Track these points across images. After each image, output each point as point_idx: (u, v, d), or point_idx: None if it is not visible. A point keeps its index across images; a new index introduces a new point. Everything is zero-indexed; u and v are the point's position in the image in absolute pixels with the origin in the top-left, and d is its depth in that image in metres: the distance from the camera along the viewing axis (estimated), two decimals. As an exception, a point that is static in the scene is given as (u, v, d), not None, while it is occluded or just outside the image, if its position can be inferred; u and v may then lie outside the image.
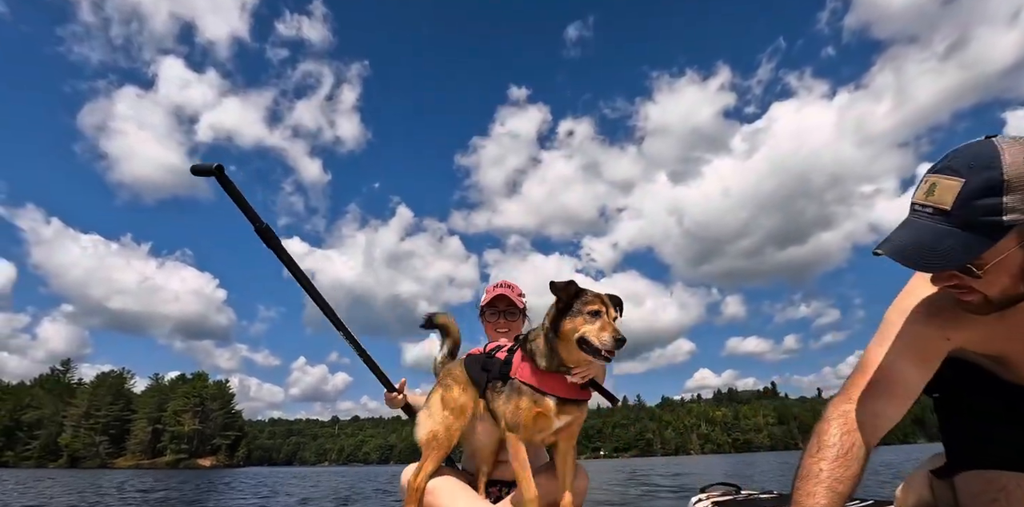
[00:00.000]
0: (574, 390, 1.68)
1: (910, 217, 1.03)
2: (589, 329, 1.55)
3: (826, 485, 1.01)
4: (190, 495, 7.99)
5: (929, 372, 1.16)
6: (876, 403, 1.13)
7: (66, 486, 9.92)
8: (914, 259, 0.98)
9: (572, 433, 1.76)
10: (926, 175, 1.01)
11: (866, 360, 1.18)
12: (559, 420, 1.67)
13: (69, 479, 14.30)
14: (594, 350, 1.54)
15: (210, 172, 1.69)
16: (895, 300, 1.23)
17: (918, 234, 0.98)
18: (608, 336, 1.52)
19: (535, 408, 1.65)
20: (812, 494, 1.01)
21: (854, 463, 1.05)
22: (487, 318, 2.37)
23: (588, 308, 1.58)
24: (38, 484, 10.85)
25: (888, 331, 1.19)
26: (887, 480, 7.36)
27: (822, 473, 1.03)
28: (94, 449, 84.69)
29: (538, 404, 1.65)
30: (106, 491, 8.84)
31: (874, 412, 1.12)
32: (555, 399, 1.65)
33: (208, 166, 1.68)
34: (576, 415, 1.70)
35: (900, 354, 1.14)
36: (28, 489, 9.34)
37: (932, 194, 0.97)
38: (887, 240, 1.03)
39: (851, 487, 1.03)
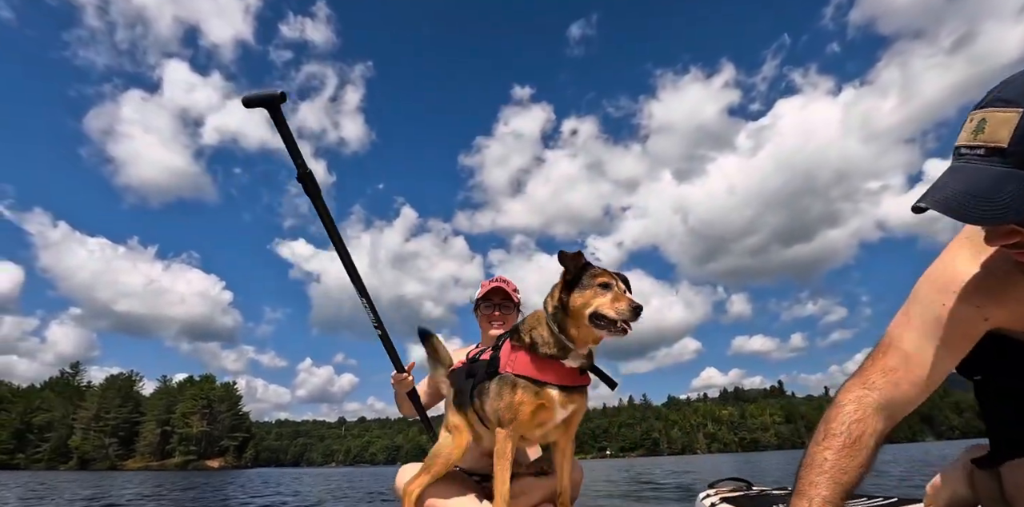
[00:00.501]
0: (573, 376, 1.58)
1: (956, 163, 0.83)
2: (602, 302, 1.45)
3: (829, 475, 0.94)
4: (215, 496, 8.14)
5: (959, 355, 1.02)
6: (896, 389, 1.00)
7: (97, 488, 10.10)
8: (965, 211, 0.78)
9: (572, 427, 1.69)
10: (971, 112, 0.82)
11: (888, 339, 1.05)
12: (563, 410, 1.58)
13: (98, 481, 14.51)
14: (610, 322, 1.43)
15: (267, 102, 1.45)
16: (927, 270, 1.05)
17: (969, 181, 0.79)
18: (624, 305, 1.42)
19: (536, 401, 1.54)
20: (815, 484, 0.94)
21: (861, 453, 0.96)
22: (481, 311, 2.36)
23: (598, 281, 1.48)
24: (62, 486, 11.04)
25: (916, 307, 1.03)
26: (903, 477, 7.24)
27: (826, 463, 0.95)
28: (104, 451, 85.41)
29: (539, 396, 1.54)
30: (129, 491, 9.01)
31: (891, 399, 1.00)
32: (557, 388, 1.55)
33: (270, 94, 1.43)
34: (579, 404, 1.61)
35: (928, 334, 1.00)
36: (51, 490, 9.52)
37: (982, 132, 0.78)
38: (931, 191, 0.83)
39: (857, 478, 0.95)
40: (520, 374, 1.56)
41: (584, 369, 1.61)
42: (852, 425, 0.98)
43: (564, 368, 1.56)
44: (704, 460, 32.94)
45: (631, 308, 1.40)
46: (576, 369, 1.58)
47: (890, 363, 1.02)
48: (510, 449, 1.56)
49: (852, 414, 0.99)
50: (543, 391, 1.54)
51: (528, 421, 1.56)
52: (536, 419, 1.57)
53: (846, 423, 0.98)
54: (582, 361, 1.58)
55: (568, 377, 1.56)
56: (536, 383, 1.55)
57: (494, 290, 2.32)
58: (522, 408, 1.53)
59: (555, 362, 1.55)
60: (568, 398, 1.57)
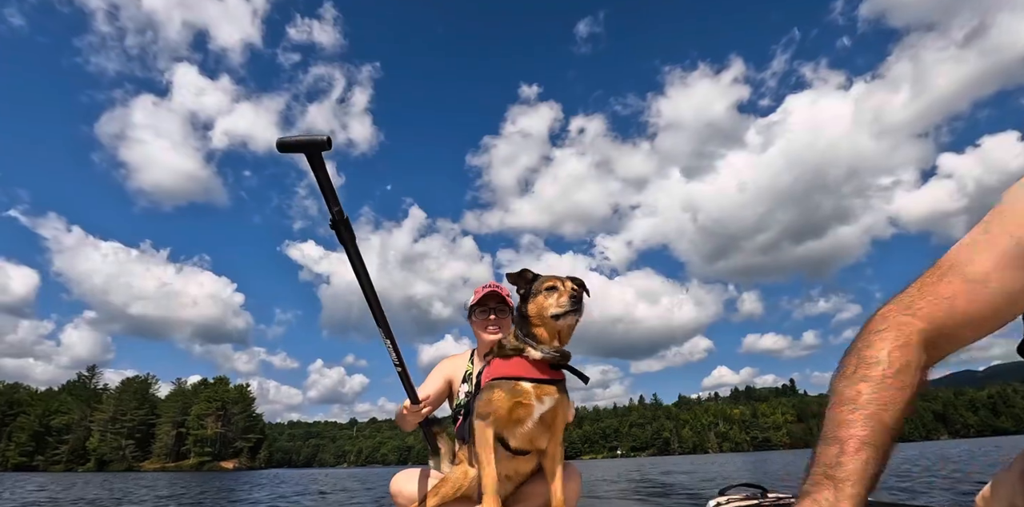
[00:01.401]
0: (543, 369, 1.67)
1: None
2: (549, 302, 1.66)
3: (867, 412, 0.70)
4: (252, 496, 8.39)
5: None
6: (950, 319, 0.77)
7: (123, 490, 10.38)
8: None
9: (557, 430, 1.72)
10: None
11: (948, 263, 0.80)
12: (540, 403, 1.63)
13: (122, 482, 14.84)
14: (555, 315, 1.64)
15: (310, 148, 1.22)
16: (1021, 179, 0.78)
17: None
18: (565, 298, 1.64)
19: (512, 397, 1.62)
20: (847, 423, 0.71)
21: (906, 388, 0.73)
22: (476, 317, 2.31)
23: (544, 285, 1.70)
24: (87, 487, 11.37)
25: (998, 223, 0.77)
26: (924, 478, 6.50)
27: (860, 397, 0.72)
28: (121, 453, 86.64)
29: (514, 390, 1.63)
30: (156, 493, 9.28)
31: (942, 326, 0.77)
32: (531, 382, 1.64)
33: (314, 140, 1.19)
34: (558, 398, 1.66)
35: (1007, 256, 0.74)
36: (68, 491, 9.83)
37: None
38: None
39: (899, 418, 0.71)
40: (495, 377, 1.68)
41: (557, 366, 1.71)
42: (894, 352, 0.75)
43: (533, 363, 1.66)
44: (715, 460, 32.74)
45: (569, 297, 1.62)
46: (544, 362, 1.67)
47: (945, 291, 0.77)
48: (490, 436, 1.63)
49: (895, 340, 0.76)
50: (517, 385, 1.63)
51: (506, 417, 1.63)
52: (514, 415, 1.63)
53: (886, 350, 0.75)
54: (546, 353, 1.67)
55: (538, 371, 1.66)
56: (510, 380, 1.65)
57: (489, 295, 2.29)
58: (499, 403, 1.62)
59: (520, 358, 1.68)
60: (542, 390, 1.64)
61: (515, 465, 1.77)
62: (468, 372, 2.24)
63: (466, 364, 2.28)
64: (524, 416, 1.64)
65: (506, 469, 1.76)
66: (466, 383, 2.21)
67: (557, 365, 1.71)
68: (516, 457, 1.74)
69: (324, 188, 1.37)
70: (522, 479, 1.84)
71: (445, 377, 2.26)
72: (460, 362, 2.31)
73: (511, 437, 1.68)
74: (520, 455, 1.74)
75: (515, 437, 1.68)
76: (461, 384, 2.23)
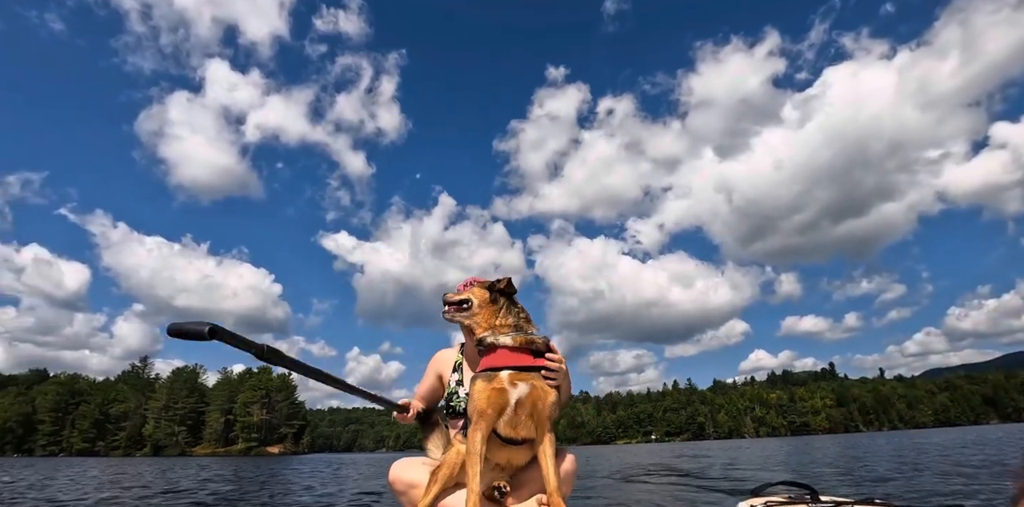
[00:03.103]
0: (517, 358, 1.76)
1: None
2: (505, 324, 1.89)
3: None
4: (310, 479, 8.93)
5: None
6: None
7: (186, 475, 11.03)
8: None
9: (541, 418, 1.75)
10: None
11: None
12: (513, 388, 1.70)
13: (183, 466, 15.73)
14: (491, 342, 1.81)
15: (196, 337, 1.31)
16: None
17: None
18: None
19: (489, 385, 1.71)
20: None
21: None
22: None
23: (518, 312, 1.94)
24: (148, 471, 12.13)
25: None
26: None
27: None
28: (174, 439, 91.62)
29: (491, 380, 1.72)
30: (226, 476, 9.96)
31: None
32: (508, 370, 1.73)
33: (197, 329, 1.29)
34: (533, 384, 1.72)
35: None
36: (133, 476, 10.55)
37: None
38: None
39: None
40: (478, 371, 1.79)
41: (538, 353, 1.79)
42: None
43: (511, 351, 1.77)
44: (751, 445, 32.41)
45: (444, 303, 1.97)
46: (522, 350, 1.77)
47: None
48: (478, 440, 1.69)
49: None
50: (494, 375, 1.73)
51: (485, 407, 1.70)
52: (492, 403, 1.70)
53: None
54: (508, 338, 1.79)
55: (514, 358, 1.75)
56: (489, 371, 1.75)
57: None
58: (479, 394, 1.71)
59: (498, 350, 1.78)
60: (517, 376, 1.72)
61: (507, 454, 1.83)
62: (457, 362, 2.37)
63: (455, 355, 2.40)
64: (502, 401, 1.70)
65: (498, 458, 1.83)
66: (456, 372, 2.34)
67: (539, 352, 1.79)
68: (507, 446, 1.79)
69: (239, 346, 1.53)
70: (516, 469, 1.90)
71: (436, 372, 2.41)
72: (451, 354, 2.42)
73: (497, 425, 1.74)
74: (512, 445, 1.79)
75: (500, 425, 1.74)
76: (452, 374, 2.35)
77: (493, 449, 1.76)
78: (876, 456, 11.72)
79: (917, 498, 4.47)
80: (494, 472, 1.86)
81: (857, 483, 5.91)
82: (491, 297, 1.93)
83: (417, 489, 1.91)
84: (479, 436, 1.69)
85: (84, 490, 7.81)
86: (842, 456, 12.54)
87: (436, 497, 1.81)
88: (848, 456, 12.33)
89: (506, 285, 1.95)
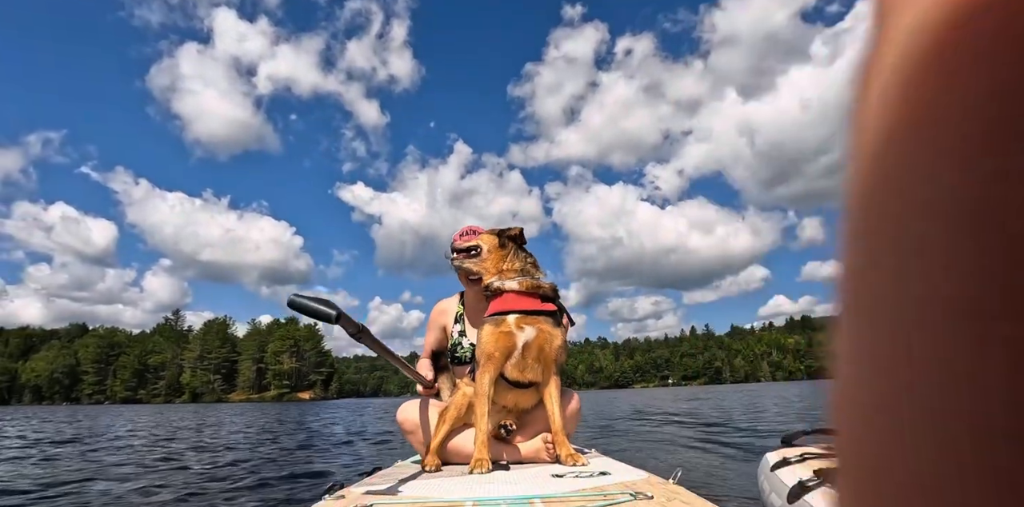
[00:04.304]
0: (528, 302, 1.79)
1: None
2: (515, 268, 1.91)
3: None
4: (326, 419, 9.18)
5: None
6: None
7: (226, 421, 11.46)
8: None
9: (547, 361, 1.78)
10: None
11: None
12: (520, 332, 1.74)
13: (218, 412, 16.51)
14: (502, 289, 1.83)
15: (323, 318, 1.43)
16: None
17: None
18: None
19: (497, 329, 1.74)
20: None
21: None
22: (455, 263, 2.40)
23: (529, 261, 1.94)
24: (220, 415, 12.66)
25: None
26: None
27: None
28: (210, 386, 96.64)
29: (498, 324, 1.75)
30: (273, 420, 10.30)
31: None
32: (515, 313, 1.76)
33: (328, 314, 1.40)
34: (540, 327, 1.75)
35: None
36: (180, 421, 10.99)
37: None
38: None
39: None
40: (486, 316, 1.82)
41: (548, 298, 1.81)
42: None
43: (517, 295, 1.79)
44: (767, 388, 32.71)
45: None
46: (529, 295, 1.80)
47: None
48: (487, 382, 1.74)
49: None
50: (501, 319, 1.76)
51: (493, 350, 1.74)
52: (499, 347, 1.74)
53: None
54: (515, 283, 1.81)
55: (521, 303, 1.78)
56: (496, 315, 1.77)
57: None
58: (487, 338, 1.75)
59: (505, 294, 1.82)
60: (524, 320, 1.75)
61: (514, 397, 1.86)
62: (459, 313, 2.36)
63: (456, 306, 2.40)
64: (509, 344, 1.74)
65: (505, 400, 1.87)
66: (458, 323, 2.34)
67: (547, 297, 1.81)
68: (514, 389, 1.83)
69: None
70: (522, 410, 1.94)
71: (439, 325, 2.40)
72: (451, 305, 2.42)
73: (504, 369, 1.77)
74: (519, 388, 1.83)
75: (507, 368, 1.77)
76: (454, 325, 2.36)
77: (500, 391, 1.81)
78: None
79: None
80: (501, 413, 1.92)
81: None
82: (499, 242, 1.95)
83: (425, 429, 1.98)
84: (487, 379, 1.74)
85: (159, 434, 7.96)
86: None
87: (445, 437, 1.87)
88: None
89: (518, 234, 1.97)
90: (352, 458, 4.79)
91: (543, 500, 1.02)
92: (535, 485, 1.26)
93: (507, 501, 1.03)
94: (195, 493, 3.12)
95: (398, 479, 1.49)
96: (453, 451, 1.88)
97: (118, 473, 4.03)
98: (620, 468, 1.53)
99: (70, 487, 3.42)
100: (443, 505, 1.03)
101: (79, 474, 3.96)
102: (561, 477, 1.39)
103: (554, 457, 1.77)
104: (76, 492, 3.23)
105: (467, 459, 1.77)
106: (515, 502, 1.02)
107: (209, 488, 3.26)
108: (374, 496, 1.14)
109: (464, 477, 1.51)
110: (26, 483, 3.59)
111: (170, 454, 5.36)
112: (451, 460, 1.88)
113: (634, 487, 1.16)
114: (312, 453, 5.28)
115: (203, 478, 3.67)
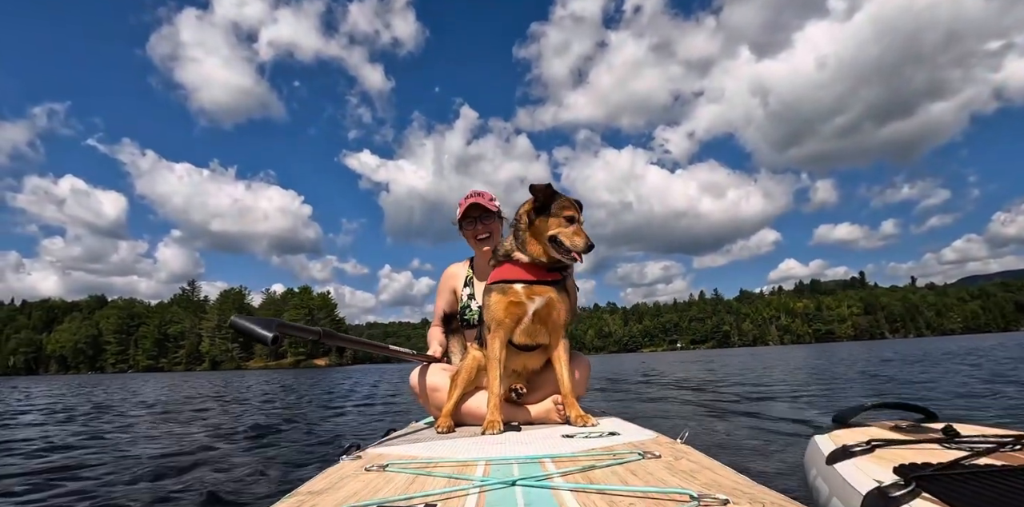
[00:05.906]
0: (535, 271, 1.78)
1: None
2: (564, 231, 1.71)
3: None
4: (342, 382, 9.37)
5: None
6: None
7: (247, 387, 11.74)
8: None
9: (555, 326, 1.81)
10: None
11: None
12: (531, 302, 1.76)
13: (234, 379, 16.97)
14: (565, 250, 1.70)
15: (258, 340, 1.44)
16: None
17: None
18: (581, 241, 1.68)
19: (505, 297, 1.76)
20: None
21: None
22: (465, 228, 2.40)
23: (565, 213, 1.73)
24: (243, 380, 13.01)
25: None
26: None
27: None
28: (229, 354, 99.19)
29: (506, 292, 1.77)
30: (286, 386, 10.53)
31: None
32: (523, 283, 1.77)
33: (264, 336, 1.42)
34: (548, 297, 1.77)
35: None
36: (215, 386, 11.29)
37: None
38: None
39: None
40: (493, 281, 1.82)
41: (554, 268, 1.79)
42: None
43: (523, 266, 1.79)
44: (777, 351, 32.88)
45: (586, 245, 1.67)
46: (535, 265, 1.78)
47: None
48: (497, 347, 1.76)
49: None
50: (510, 288, 1.77)
51: (503, 317, 1.76)
52: (511, 315, 1.76)
53: None
54: (535, 256, 1.77)
55: (528, 273, 1.78)
56: (502, 283, 1.78)
57: (472, 206, 2.36)
58: (496, 305, 1.76)
59: (510, 263, 1.81)
60: (532, 290, 1.76)
61: (523, 360, 1.91)
62: (468, 277, 2.42)
63: (466, 270, 2.45)
64: (519, 313, 1.76)
65: (515, 364, 1.91)
66: (468, 287, 2.40)
67: (554, 267, 1.80)
68: (522, 353, 1.87)
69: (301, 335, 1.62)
70: (531, 373, 1.98)
71: (450, 288, 2.47)
72: (461, 269, 2.47)
73: (513, 334, 1.81)
74: (526, 351, 1.87)
75: (516, 334, 1.80)
76: (464, 288, 2.41)
77: (509, 355, 1.84)
78: (935, 365, 9.51)
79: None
80: (511, 377, 1.95)
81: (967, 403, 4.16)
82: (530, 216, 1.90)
83: (437, 393, 2.02)
84: (498, 344, 1.76)
85: (193, 397, 8.24)
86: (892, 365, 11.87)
87: (458, 400, 1.90)
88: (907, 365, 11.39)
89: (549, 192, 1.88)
90: (368, 420, 4.97)
91: (553, 460, 1.05)
92: (546, 445, 1.30)
93: (518, 460, 1.07)
94: (210, 448, 3.30)
95: (413, 440, 1.53)
96: (465, 413, 1.93)
97: (155, 432, 4.29)
98: (630, 428, 1.55)
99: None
100: (457, 464, 1.06)
101: (121, 435, 4.20)
102: (571, 437, 1.42)
103: (564, 418, 1.80)
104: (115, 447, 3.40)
105: (478, 421, 1.81)
106: (526, 461, 1.05)
107: (229, 449, 3.40)
108: (390, 456, 1.19)
109: (476, 438, 1.53)
110: (77, 440, 3.91)
111: (197, 416, 5.67)
112: (463, 422, 1.93)
113: (643, 447, 1.18)
114: (329, 416, 5.48)
115: (222, 440, 3.85)
